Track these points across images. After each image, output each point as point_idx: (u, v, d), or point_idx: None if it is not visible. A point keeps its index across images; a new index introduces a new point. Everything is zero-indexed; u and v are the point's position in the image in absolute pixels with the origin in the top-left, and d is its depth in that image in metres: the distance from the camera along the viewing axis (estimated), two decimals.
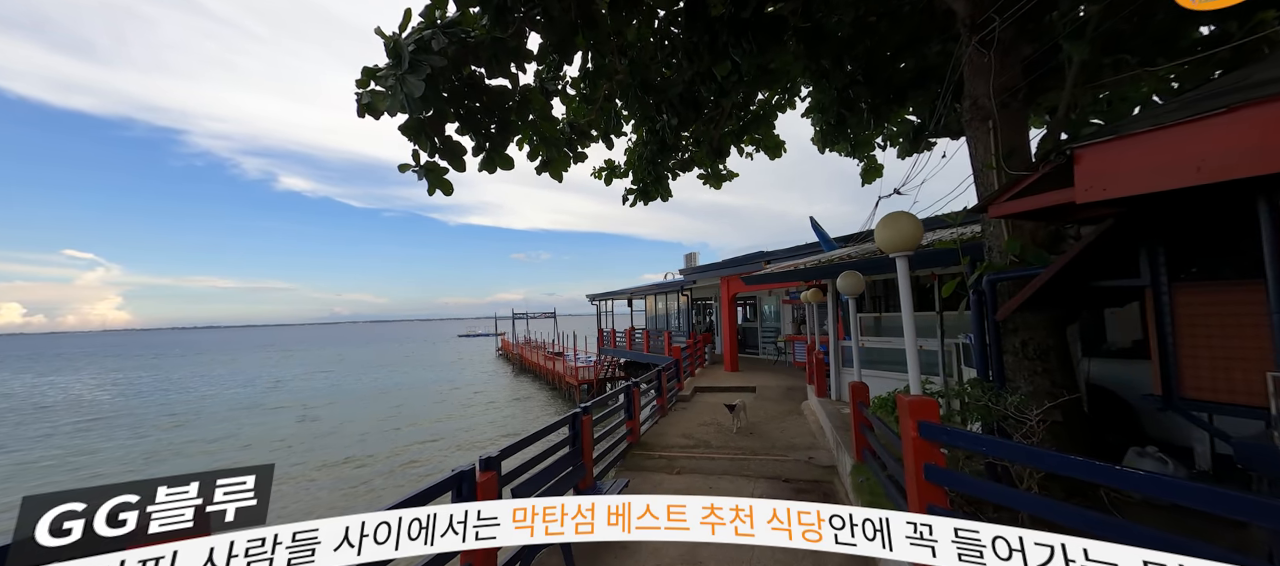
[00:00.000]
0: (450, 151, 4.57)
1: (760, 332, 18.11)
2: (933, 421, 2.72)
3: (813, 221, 9.65)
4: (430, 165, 4.51)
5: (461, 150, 4.66)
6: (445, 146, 4.56)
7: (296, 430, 19.37)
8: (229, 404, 26.27)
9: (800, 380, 12.33)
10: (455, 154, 4.61)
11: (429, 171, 4.51)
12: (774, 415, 9.12)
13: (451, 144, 4.59)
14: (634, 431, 7.43)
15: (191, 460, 15.65)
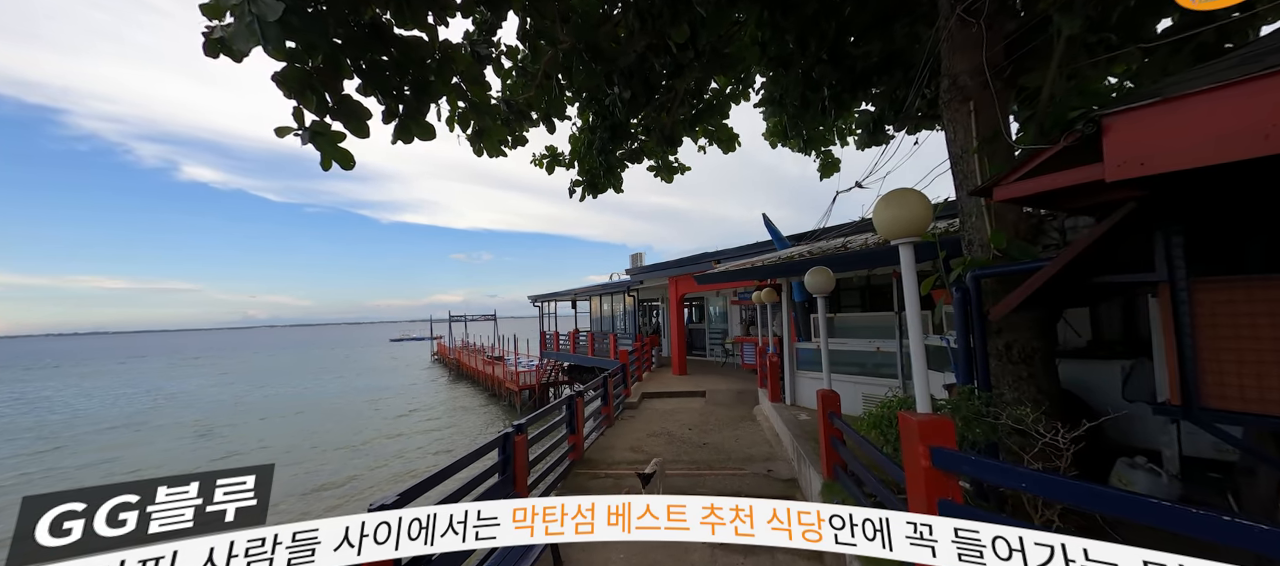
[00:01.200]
0: (348, 112, 3.60)
1: (708, 334, 17.82)
2: (949, 446, 2.20)
3: (765, 218, 9.34)
4: (319, 127, 3.52)
5: (364, 113, 3.70)
6: (341, 106, 3.58)
7: (188, 454, 16.81)
8: (107, 422, 22.57)
9: (750, 383, 12.02)
10: (355, 117, 3.65)
11: (318, 135, 3.51)
12: (726, 422, 8.65)
13: (350, 104, 3.62)
14: (577, 447, 6.65)
15: None
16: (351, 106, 3.63)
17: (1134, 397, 4.43)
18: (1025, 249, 3.48)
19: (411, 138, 4.18)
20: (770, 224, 9.24)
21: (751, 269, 7.59)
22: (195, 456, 16.33)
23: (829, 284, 4.37)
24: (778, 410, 7.81)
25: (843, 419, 4.02)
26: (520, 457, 4.62)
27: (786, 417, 7.29)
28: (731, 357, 15.39)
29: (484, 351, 33.95)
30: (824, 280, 4.36)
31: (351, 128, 3.66)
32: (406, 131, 4.12)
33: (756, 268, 7.61)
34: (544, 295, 24.46)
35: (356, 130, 3.68)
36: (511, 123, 6.61)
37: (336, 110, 3.58)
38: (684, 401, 10.80)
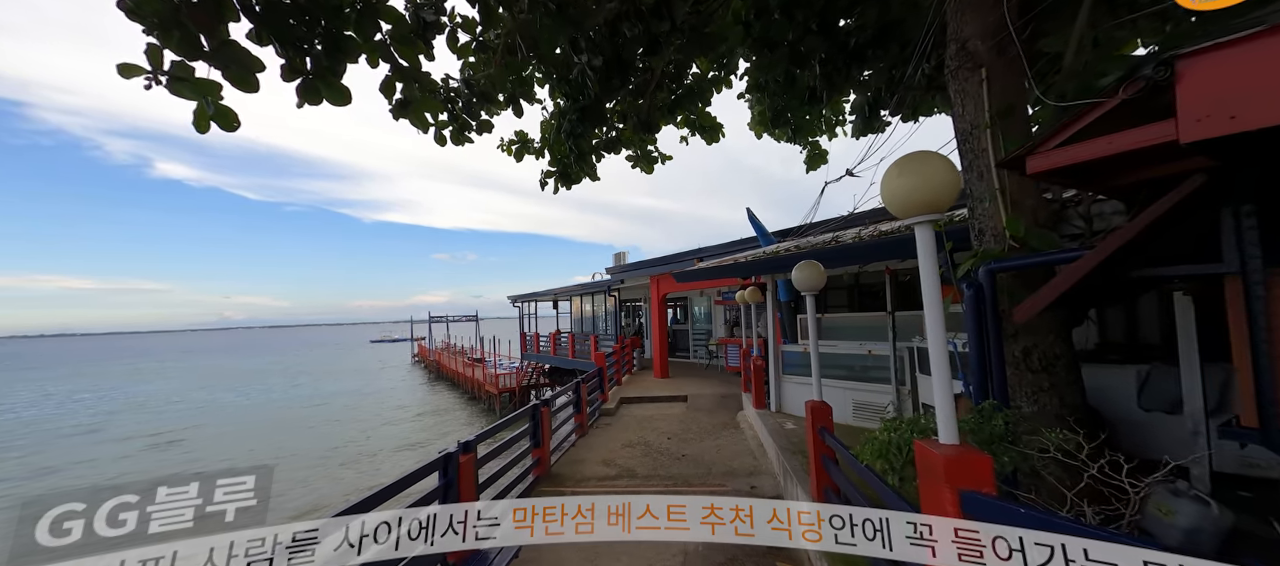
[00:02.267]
0: (229, 59, 2.93)
1: (691, 335, 17.31)
2: (985, 490, 1.66)
3: (750, 214, 8.83)
4: (181, 71, 2.84)
5: (253, 63, 3.04)
6: (221, 53, 2.91)
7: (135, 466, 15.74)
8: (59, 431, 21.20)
9: (734, 387, 11.51)
10: (240, 66, 2.98)
11: (180, 81, 2.84)
12: (708, 429, 8.10)
13: (233, 51, 2.96)
14: (542, 461, 6.02)
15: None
16: (235, 53, 2.96)
17: (1151, 407, 4.00)
18: (1047, 238, 2.98)
19: (320, 100, 3.52)
20: (755, 219, 8.74)
21: (733, 266, 7.06)
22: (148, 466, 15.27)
23: (819, 280, 3.84)
24: (762, 418, 7.29)
25: (836, 437, 3.48)
26: (467, 480, 3.99)
27: (772, 426, 6.77)
28: (715, 360, 14.89)
29: (464, 353, 33.10)
30: (813, 276, 3.82)
31: (233, 78, 2.99)
32: (314, 93, 3.46)
33: (739, 265, 7.09)
34: (524, 295, 23.72)
35: (240, 82, 3.02)
36: (475, 108, 5.97)
37: (213, 55, 2.91)
38: (664, 407, 10.24)
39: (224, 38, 3.01)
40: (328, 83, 3.53)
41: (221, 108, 3.11)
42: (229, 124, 3.14)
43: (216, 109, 3.12)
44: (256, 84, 3.15)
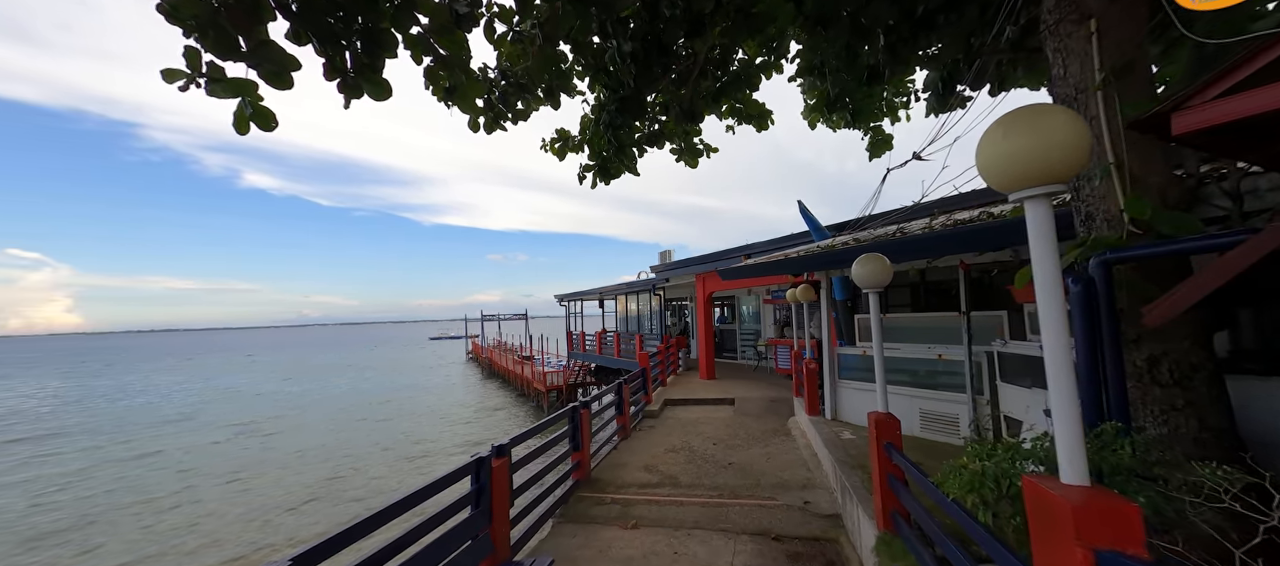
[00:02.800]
0: (265, 59, 2.89)
1: (739, 336, 16.72)
2: (1134, 552, 1.24)
3: (802, 206, 8.26)
4: (216, 73, 2.82)
5: (290, 62, 3.00)
6: (257, 52, 2.88)
7: (222, 451, 17.11)
8: (165, 417, 23.53)
9: (784, 390, 10.93)
10: (276, 65, 2.94)
11: (217, 82, 2.82)
12: (756, 435, 7.65)
13: (270, 50, 2.92)
14: (582, 465, 5.84)
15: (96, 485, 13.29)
16: (271, 53, 2.91)
17: None
18: (1184, 221, 2.41)
19: (361, 95, 3.45)
20: (807, 212, 8.16)
21: (783, 262, 6.57)
22: (235, 451, 16.56)
23: (884, 276, 3.37)
24: (816, 425, 6.76)
25: (906, 455, 3.02)
26: (500, 486, 3.84)
27: (826, 435, 6.24)
28: (764, 361, 14.27)
29: (514, 351, 34.00)
30: (878, 270, 3.36)
31: (268, 76, 2.95)
32: (355, 89, 3.40)
33: (790, 260, 6.58)
34: (570, 294, 23.91)
35: (274, 80, 2.97)
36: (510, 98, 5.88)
37: (250, 55, 2.87)
38: (710, 410, 9.85)
39: (262, 38, 2.98)
40: (368, 78, 3.46)
41: (260, 108, 3.10)
42: (267, 124, 3.12)
43: (255, 109, 3.11)
44: (291, 81, 3.11)
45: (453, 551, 3.27)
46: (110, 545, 9.61)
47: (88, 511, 11.34)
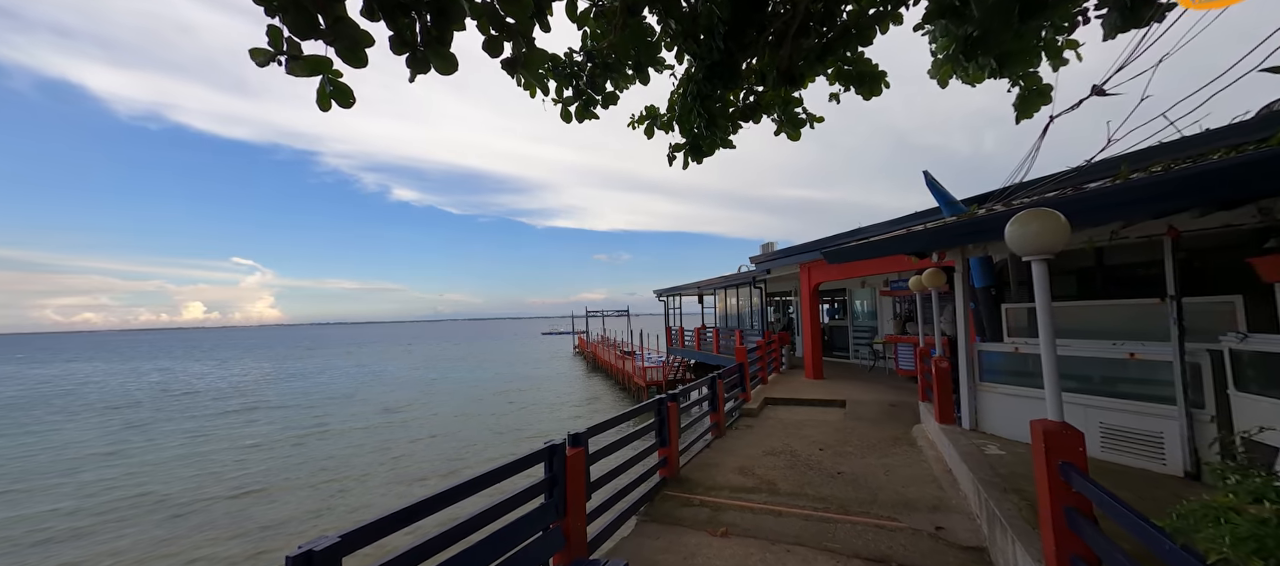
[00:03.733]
0: (340, 36, 2.93)
1: (851, 333, 15.13)
2: None
3: (928, 177, 6.97)
4: (295, 50, 2.89)
5: (364, 38, 3.02)
6: (334, 29, 2.93)
7: (370, 424, 19.70)
8: (331, 395, 27.99)
9: (907, 394, 9.54)
10: (351, 42, 2.97)
11: (295, 59, 2.90)
12: (872, 443, 6.65)
13: (345, 27, 2.96)
14: (670, 462, 5.46)
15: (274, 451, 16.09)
16: (346, 29, 2.94)
17: None
18: None
19: (428, 69, 3.41)
20: (935, 184, 6.88)
21: (906, 238, 5.50)
22: (378, 425, 19.00)
23: (1056, 237, 2.49)
24: (950, 436, 5.65)
25: (1098, 483, 2.17)
26: (575, 476, 3.60)
27: (964, 448, 5.15)
28: (882, 361, 12.70)
29: (617, 346, 34.88)
30: (1047, 231, 2.49)
31: (344, 54, 2.97)
32: (422, 63, 3.36)
33: (913, 235, 5.50)
34: (668, 289, 23.72)
35: (349, 57, 2.99)
36: (598, 79, 5.69)
37: (328, 32, 2.92)
38: (817, 412, 8.89)
39: (339, 14, 3.05)
40: (435, 52, 3.43)
41: (340, 85, 3.17)
42: (346, 100, 3.19)
43: (335, 87, 3.21)
44: (365, 58, 3.14)
45: (521, 541, 3.09)
46: (292, 500, 11.41)
47: (276, 470, 13.67)
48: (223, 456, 15.14)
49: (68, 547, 9.25)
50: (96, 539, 9.56)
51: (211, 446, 16.42)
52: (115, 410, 24.01)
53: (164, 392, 30.00)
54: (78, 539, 9.60)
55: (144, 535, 9.64)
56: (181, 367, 48.53)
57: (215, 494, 11.84)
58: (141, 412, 23.14)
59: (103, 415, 22.79)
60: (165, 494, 11.91)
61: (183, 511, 10.80)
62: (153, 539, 9.46)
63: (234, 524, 10.07)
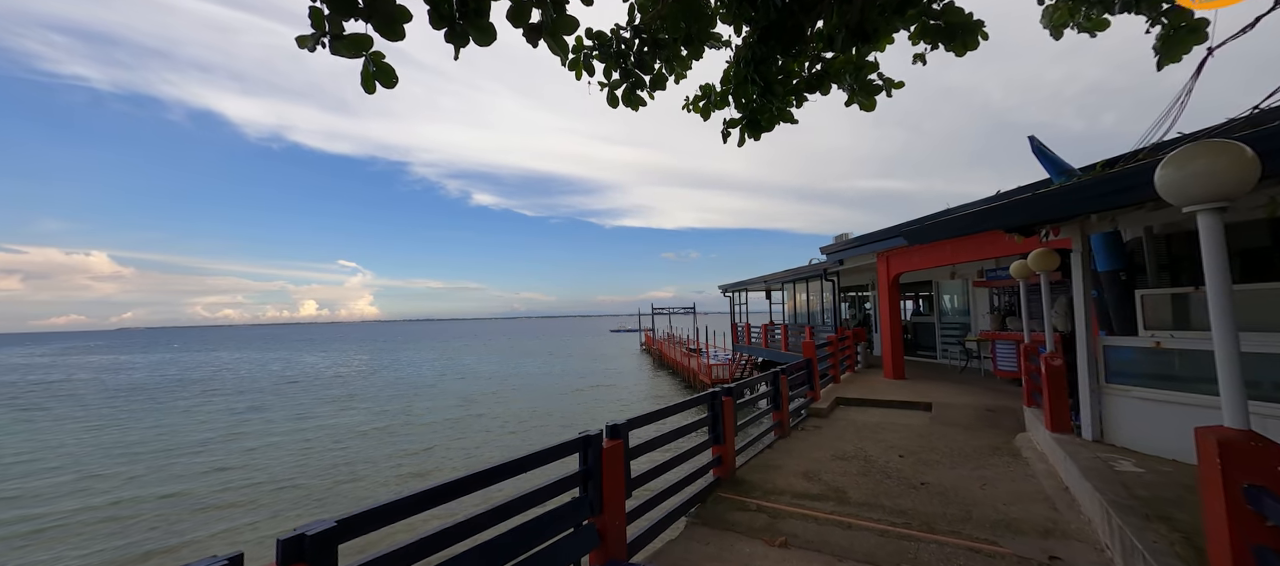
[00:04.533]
0: (374, 10, 2.86)
1: (938, 330, 13.63)
2: None
3: (1035, 143, 5.88)
4: (336, 28, 2.85)
5: (400, 15, 2.94)
6: (371, 6, 2.87)
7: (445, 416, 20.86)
8: (416, 387, 30.19)
9: (1006, 398, 8.33)
10: (385, 17, 2.89)
11: (339, 39, 2.85)
12: (965, 452, 5.78)
13: (384, 5, 2.89)
14: (725, 461, 5.03)
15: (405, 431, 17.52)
16: (383, 5, 2.86)
17: None
18: None
19: (467, 42, 3.27)
20: (1044, 151, 5.79)
21: (1008, 206, 4.56)
22: (456, 413, 20.10)
23: (1241, 176, 1.82)
24: (1066, 447, 4.72)
25: None
26: (613, 470, 3.33)
27: (1087, 463, 4.26)
28: (975, 360, 11.28)
29: (683, 343, 34.54)
30: (1229, 168, 1.82)
31: (381, 29, 2.90)
32: (462, 37, 3.23)
33: (1017, 203, 4.59)
34: (734, 284, 22.93)
35: (388, 32, 2.91)
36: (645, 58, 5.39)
37: (366, 9, 2.86)
38: (896, 414, 7.99)
39: None
40: (474, 23, 3.30)
41: (382, 65, 3.12)
42: (389, 81, 3.14)
43: (378, 67, 3.17)
44: (402, 32, 3.07)
45: (549, 538, 2.86)
46: (371, 474, 12.29)
47: (365, 449, 14.85)
48: (321, 439, 16.66)
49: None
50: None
51: (311, 429, 18.16)
52: (241, 394, 27.46)
53: (283, 380, 33.91)
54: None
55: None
56: (297, 358, 54.87)
57: (310, 472, 13.01)
58: (264, 397, 26.26)
59: (230, 398, 26.15)
60: (270, 475, 13.26)
61: (283, 486, 11.93)
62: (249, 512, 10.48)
63: (319, 505, 10.93)
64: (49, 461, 14.25)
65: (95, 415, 21.60)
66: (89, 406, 24.10)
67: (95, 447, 15.78)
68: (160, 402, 24.68)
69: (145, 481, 12.23)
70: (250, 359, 54.68)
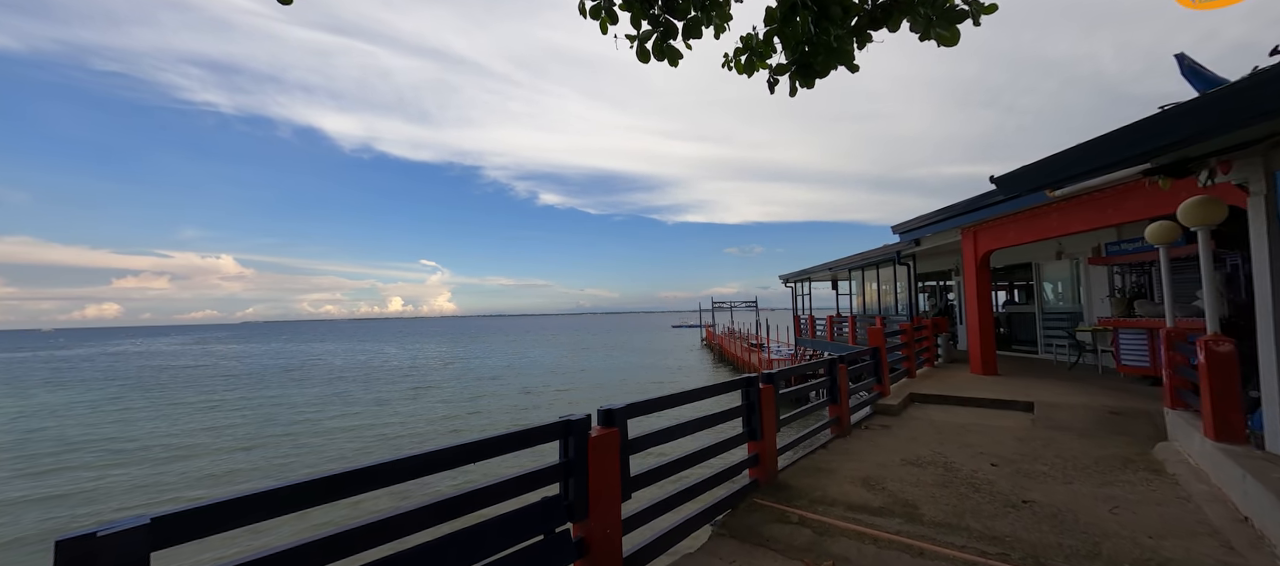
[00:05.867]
0: None
1: (1039, 320, 11.65)
2: None
3: (1185, 62, 4.45)
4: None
5: None
6: None
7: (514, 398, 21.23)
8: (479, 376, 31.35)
9: (1131, 398, 6.73)
10: None
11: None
12: (1083, 463, 4.54)
13: None
14: (763, 460, 4.21)
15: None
16: None
17: None
18: None
19: None
20: (1197, 69, 4.36)
21: (1153, 123, 3.21)
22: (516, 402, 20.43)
23: None
24: (1241, 462, 3.45)
25: None
26: (603, 465, 2.69)
27: (1272, 478, 3.02)
28: (1088, 354, 9.42)
29: (744, 338, 33.31)
30: None
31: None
32: None
33: (1166, 116, 3.21)
34: (796, 274, 21.40)
35: None
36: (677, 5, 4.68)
37: None
38: (989, 414, 6.67)
39: None
40: None
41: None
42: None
43: None
44: None
45: (511, 546, 2.27)
46: None
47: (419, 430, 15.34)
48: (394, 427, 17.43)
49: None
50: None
51: (388, 415, 19.11)
52: (329, 382, 29.83)
53: (368, 369, 36.56)
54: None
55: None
56: (382, 348, 59.43)
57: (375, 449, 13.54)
58: (348, 384, 28.31)
59: (321, 386, 28.45)
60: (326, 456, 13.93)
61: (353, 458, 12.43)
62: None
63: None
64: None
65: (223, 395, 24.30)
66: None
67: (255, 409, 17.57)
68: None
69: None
70: (345, 348, 60.01)
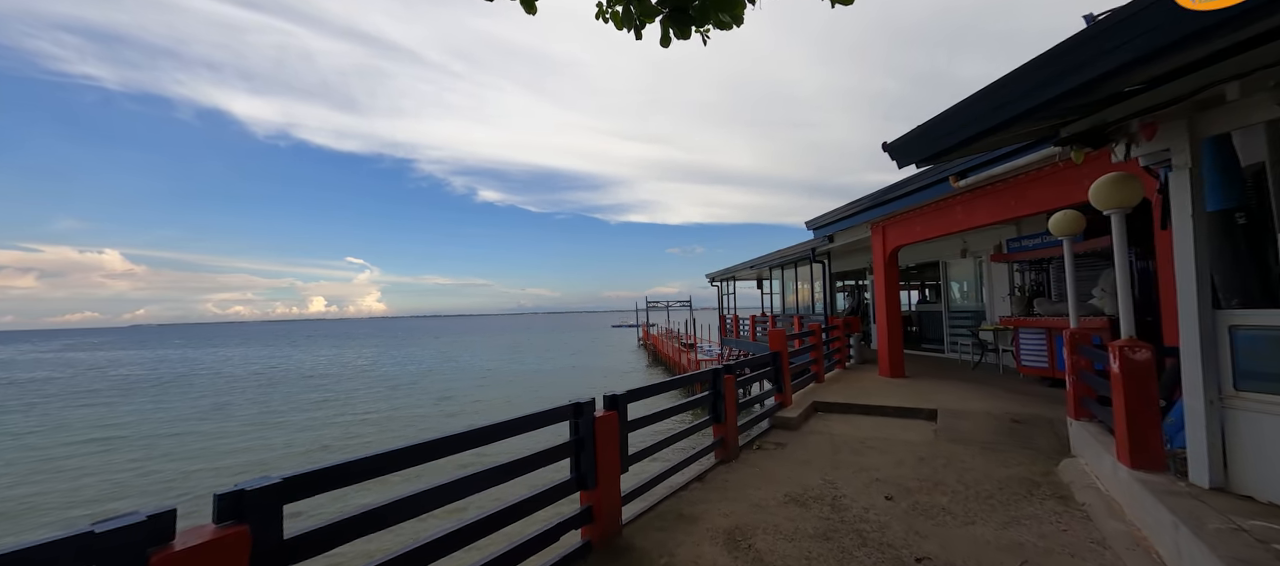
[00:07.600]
0: None
1: (946, 319, 11.62)
2: None
3: (1093, 24, 3.98)
4: None
5: None
6: None
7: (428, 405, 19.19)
8: (396, 381, 28.57)
9: (1037, 403, 6.36)
10: None
11: None
12: (985, 490, 3.85)
13: None
14: (597, 513, 3.13)
15: None
16: None
17: None
18: None
19: None
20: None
21: (1068, 50, 2.42)
22: (431, 406, 18.43)
23: None
24: (1168, 505, 2.79)
25: None
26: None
27: (1222, 540, 2.33)
28: (990, 354, 9.29)
29: (678, 337, 32.92)
30: None
31: None
32: None
33: (1079, 45, 2.41)
34: (722, 272, 20.97)
35: None
36: None
37: None
38: (890, 425, 6.05)
39: None
40: None
41: None
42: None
43: None
44: None
45: None
46: None
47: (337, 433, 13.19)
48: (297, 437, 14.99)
49: None
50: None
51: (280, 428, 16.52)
52: (218, 393, 25.95)
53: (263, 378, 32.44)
54: None
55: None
56: (293, 353, 53.83)
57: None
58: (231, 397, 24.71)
59: (197, 399, 24.69)
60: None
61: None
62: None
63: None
64: None
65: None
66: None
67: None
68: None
69: None
70: (250, 355, 53.58)
